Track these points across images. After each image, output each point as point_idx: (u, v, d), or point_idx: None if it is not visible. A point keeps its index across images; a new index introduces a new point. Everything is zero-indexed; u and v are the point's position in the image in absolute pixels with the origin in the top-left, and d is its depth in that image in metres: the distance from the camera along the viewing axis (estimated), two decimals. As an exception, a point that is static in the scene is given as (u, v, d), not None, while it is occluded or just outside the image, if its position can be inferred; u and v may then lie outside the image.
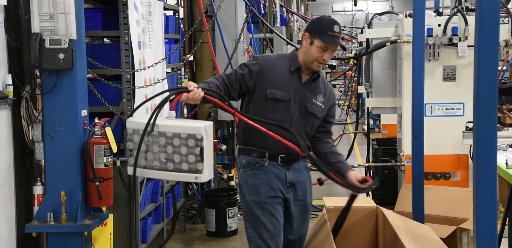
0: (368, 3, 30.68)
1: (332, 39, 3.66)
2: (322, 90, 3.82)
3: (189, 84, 3.35)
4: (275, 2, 13.25)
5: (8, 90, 3.93)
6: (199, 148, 3.12)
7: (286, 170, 3.73)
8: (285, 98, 3.67)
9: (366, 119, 7.62)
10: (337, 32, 3.69)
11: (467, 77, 5.40)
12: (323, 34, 3.66)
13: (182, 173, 3.17)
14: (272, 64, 3.73)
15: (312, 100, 3.75)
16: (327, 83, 3.91)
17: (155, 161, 3.20)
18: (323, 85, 3.85)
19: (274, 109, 3.67)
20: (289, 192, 3.75)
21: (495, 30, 2.34)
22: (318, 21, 3.78)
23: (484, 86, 2.35)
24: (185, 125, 3.23)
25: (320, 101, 3.78)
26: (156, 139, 3.17)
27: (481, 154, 2.39)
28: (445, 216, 4.86)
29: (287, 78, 3.72)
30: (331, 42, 3.66)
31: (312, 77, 3.76)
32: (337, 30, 3.69)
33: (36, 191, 4.08)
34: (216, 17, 6.35)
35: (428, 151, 4.74)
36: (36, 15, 3.95)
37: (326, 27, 3.67)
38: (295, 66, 3.72)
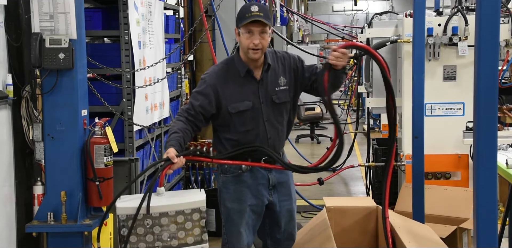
0: (368, 3, 30.69)
1: (249, 18, 3.49)
2: (279, 69, 3.69)
3: (171, 156, 3.26)
4: (275, 2, 13.25)
5: (8, 90, 3.93)
6: (204, 220, 3.13)
7: (268, 172, 3.71)
8: (248, 106, 3.59)
9: (366, 119, 7.62)
10: (256, 11, 3.50)
11: (467, 76, 5.40)
12: (241, 20, 3.53)
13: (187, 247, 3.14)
14: (221, 78, 3.60)
15: (275, 89, 3.66)
16: (279, 57, 3.73)
17: (157, 242, 3.11)
18: (277, 62, 3.70)
19: (243, 121, 3.61)
20: (272, 194, 3.75)
21: (495, 29, 2.34)
22: (239, 11, 3.63)
23: (484, 85, 2.35)
24: (186, 200, 3.20)
25: (284, 83, 3.69)
26: (157, 221, 3.10)
27: (481, 154, 2.39)
28: (445, 215, 4.85)
29: (241, 85, 3.61)
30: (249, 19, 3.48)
31: (263, 69, 3.64)
32: (254, 10, 3.50)
33: (36, 191, 4.08)
34: (216, 17, 6.35)
35: (428, 151, 4.74)
36: (36, 15, 3.95)
37: (243, 13, 3.54)
38: (244, 69, 3.61)
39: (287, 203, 3.80)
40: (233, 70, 3.62)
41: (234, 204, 3.68)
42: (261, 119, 3.63)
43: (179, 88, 6.41)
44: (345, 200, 5.18)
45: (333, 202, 4.45)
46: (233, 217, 3.68)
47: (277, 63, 3.69)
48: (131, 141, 4.80)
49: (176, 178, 6.19)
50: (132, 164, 4.59)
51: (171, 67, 5.98)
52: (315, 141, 12.23)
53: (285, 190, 3.79)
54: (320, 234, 3.94)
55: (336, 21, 28.15)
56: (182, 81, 6.44)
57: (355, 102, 10.29)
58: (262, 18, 3.48)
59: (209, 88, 3.57)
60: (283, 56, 3.73)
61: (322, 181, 5.60)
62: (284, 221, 3.80)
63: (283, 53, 3.77)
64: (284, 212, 3.79)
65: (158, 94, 5.48)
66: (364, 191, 7.30)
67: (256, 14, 3.48)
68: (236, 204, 3.67)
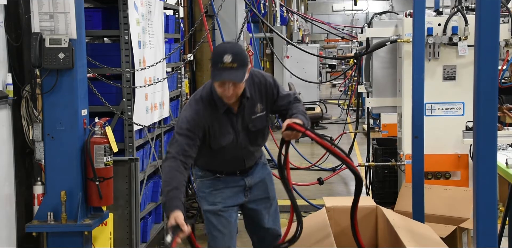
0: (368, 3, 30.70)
1: (219, 74, 3.24)
2: (256, 96, 3.56)
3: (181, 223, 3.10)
4: (275, 2, 13.25)
5: (8, 89, 3.93)
6: None
7: (244, 177, 3.79)
8: (229, 140, 3.57)
9: (366, 119, 7.62)
10: (228, 62, 3.21)
11: (467, 76, 5.40)
12: (213, 67, 3.28)
13: None
14: (200, 118, 3.46)
15: (251, 117, 3.58)
16: (256, 82, 3.55)
17: None
18: (255, 89, 3.55)
19: (223, 152, 3.62)
20: (247, 195, 3.82)
21: (495, 29, 2.34)
22: (213, 52, 3.38)
23: (484, 85, 2.35)
24: None
25: (260, 110, 3.60)
26: None
27: (481, 154, 2.39)
28: (445, 215, 4.85)
29: (221, 121, 3.52)
30: (216, 79, 3.26)
31: (242, 103, 3.51)
32: (227, 60, 3.21)
33: (36, 190, 4.08)
34: (216, 17, 6.35)
35: (428, 150, 4.74)
36: (36, 14, 3.95)
37: (216, 58, 3.26)
38: (224, 107, 3.49)
39: (264, 201, 3.86)
40: (213, 106, 3.49)
41: (210, 207, 3.77)
42: (238, 147, 3.64)
43: (179, 88, 6.41)
44: (345, 200, 5.17)
45: (333, 202, 4.45)
46: (210, 219, 3.78)
47: (254, 90, 3.55)
48: (131, 141, 4.80)
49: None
50: (132, 163, 4.59)
51: (171, 67, 5.98)
52: (315, 141, 12.21)
53: (262, 189, 3.85)
54: (319, 233, 3.94)
55: (336, 21, 28.18)
56: (182, 81, 6.44)
57: (355, 101, 10.29)
58: (235, 71, 3.25)
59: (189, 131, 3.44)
60: (260, 81, 3.57)
61: (322, 181, 5.60)
62: (265, 219, 3.88)
63: (260, 76, 3.59)
64: (262, 210, 3.85)
65: (158, 94, 5.48)
66: (364, 191, 7.29)
67: (229, 67, 3.23)
68: (212, 206, 3.77)
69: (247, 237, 4.16)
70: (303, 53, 9.54)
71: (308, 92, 14.84)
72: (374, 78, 6.19)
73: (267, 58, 13.87)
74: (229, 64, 3.22)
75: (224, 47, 3.33)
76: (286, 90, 3.77)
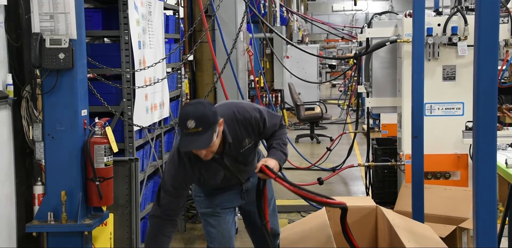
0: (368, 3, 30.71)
1: (185, 142, 3.17)
2: (242, 134, 3.52)
3: None
4: (275, 2, 13.26)
5: (8, 90, 3.93)
6: None
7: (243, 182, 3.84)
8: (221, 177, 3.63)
9: (366, 119, 7.62)
10: (192, 127, 3.11)
11: (467, 76, 5.40)
12: (181, 132, 3.23)
13: None
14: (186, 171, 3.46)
15: (240, 151, 3.58)
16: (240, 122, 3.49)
17: None
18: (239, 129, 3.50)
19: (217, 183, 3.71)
20: (244, 197, 3.87)
21: (494, 29, 2.34)
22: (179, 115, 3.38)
23: (484, 85, 2.35)
24: None
25: (248, 143, 3.59)
26: None
27: (481, 154, 2.39)
28: (445, 215, 4.86)
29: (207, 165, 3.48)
30: (182, 148, 3.22)
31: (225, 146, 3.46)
32: (191, 125, 3.11)
33: (37, 190, 4.08)
34: (216, 17, 6.35)
35: (428, 150, 4.74)
36: (36, 15, 3.95)
37: (180, 124, 3.20)
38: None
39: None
40: (194, 157, 3.43)
41: (207, 210, 3.82)
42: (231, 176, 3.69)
43: (179, 88, 6.41)
44: (345, 200, 5.16)
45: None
46: (207, 220, 3.82)
47: (239, 128, 3.50)
48: (131, 141, 4.81)
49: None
50: (132, 164, 4.60)
51: (171, 67, 5.98)
52: (314, 141, 12.23)
53: None
54: (319, 233, 3.94)
55: (336, 21, 28.19)
56: (182, 81, 6.45)
57: (355, 102, 10.30)
58: (200, 137, 3.15)
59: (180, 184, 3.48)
60: (244, 118, 3.50)
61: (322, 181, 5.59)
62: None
63: (245, 112, 3.51)
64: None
65: (158, 94, 5.48)
66: (364, 191, 7.30)
67: (193, 132, 3.14)
68: (209, 209, 3.81)
69: (247, 237, 4.17)
70: (303, 53, 9.54)
71: (308, 92, 14.85)
72: (374, 78, 6.19)
73: (267, 58, 13.88)
74: (194, 129, 3.13)
75: (186, 111, 3.20)
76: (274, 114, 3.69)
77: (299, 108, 12.38)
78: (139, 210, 4.73)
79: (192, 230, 6.42)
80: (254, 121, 3.53)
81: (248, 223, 3.98)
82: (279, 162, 3.53)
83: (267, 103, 12.24)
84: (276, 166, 3.48)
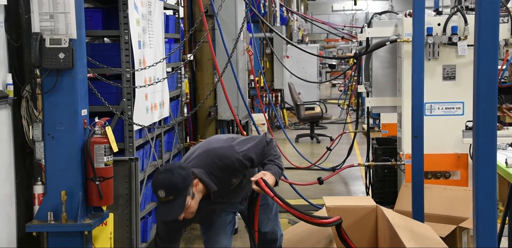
0: (368, 3, 30.71)
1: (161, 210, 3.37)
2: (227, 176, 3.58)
3: None
4: (275, 2, 13.26)
5: (8, 89, 3.93)
6: None
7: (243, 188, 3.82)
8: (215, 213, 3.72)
9: (366, 118, 7.62)
10: (164, 197, 3.27)
11: (467, 76, 5.40)
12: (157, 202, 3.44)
13: None
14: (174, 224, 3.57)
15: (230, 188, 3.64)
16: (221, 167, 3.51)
17: None
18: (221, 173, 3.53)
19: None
20: (244, 203, 3.88)
21: (494, 29, 2.34)
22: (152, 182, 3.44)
23: (484, 85, 2.36)
24: None
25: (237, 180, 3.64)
26: None
27: (481, 153, 2.39)
28: (445, 215, 4.86)
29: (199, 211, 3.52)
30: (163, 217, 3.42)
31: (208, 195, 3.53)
32: (162, 195, 3.26)
33: (37, 190, 4.08)
34: (216, 17, 6.35)
35: (428, 150, 4.74)
36: (36, 14, 3.95)
37: (154, 192, 3.37)
38: None
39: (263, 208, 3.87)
40: None
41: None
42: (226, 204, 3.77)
43: (179, 88, 6.41)
44: (345, 200, 5.18)
45: (333, 202, 4.44)
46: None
47: (223, 175, 3.55)
48: (131, 141, 4.81)
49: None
50: (132, 163, 4.60)
51: (171, 67, 5.98)
52: (314, 141, 12.23)
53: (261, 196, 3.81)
54: (319, 234, 3.94)
55: (336, 21, 28.19)
56: (182, 81, 6.45)
57: (355, 101, 10.30)
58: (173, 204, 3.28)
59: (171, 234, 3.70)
60: (226, 165, 3.53)
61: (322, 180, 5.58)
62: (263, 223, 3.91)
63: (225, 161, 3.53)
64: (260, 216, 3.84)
65: (158, 93, 5.48)
66: (364, 191, 7.30)
67: (165, 200, 3.28)
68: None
69: (247, 236, 4.16)
70: (303, 53, 9.54)
71: (308, 92, 14.85)
72: (374, 78, 6.19)
73: (267, 58, 13.88)
74: (165, 198, 3.27)
75: (156, 180, 3.34)
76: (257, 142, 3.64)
77: (299, 108, 12.38)
78: (139, 209, 4.73)
79: (192, 230, 6.42)
80: (238, 164, 3.55)
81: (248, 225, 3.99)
82: (275, 176, 3.54)
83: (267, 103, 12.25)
84: (272, 180, 3.49)
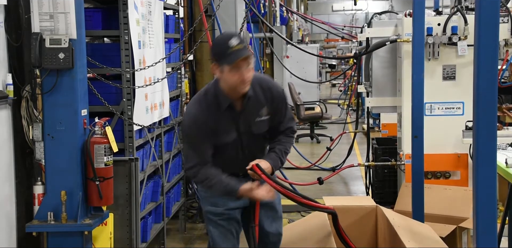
0: (368, 3, 30.71)
1: (235, 55, 3.30)
2: (263, 99, 3.55)
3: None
4: (275, 2, 13.26)
5: (8, 89, 3.93)
6: None
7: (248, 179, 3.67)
8: (231, 138, 3.56)
9: (366, 118, 7.62)
10: (236, 45, 3.31)
11: (467, 76, 5.40)
12: (223, 56, 3.33)
13: None
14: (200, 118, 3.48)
15: (256, 120, 3.57)
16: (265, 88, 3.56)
17: None
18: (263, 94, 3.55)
19: (224, 149, 3.58)
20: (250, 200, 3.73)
21: (494, 29, 2.34)
22: (214, 45, 3.45)
23: (484, 85, 2.36)
24: None
25: (265, 114, 3.59)
26: None
27: (481, 153, 2.39)
28: (445, 215, 4.86)
29: (223, 118, 3.50)
30: (235, 59, 3.31)
31: (245, 101, 3.51)
32: (234, 43, 3.31)
33: (37, 190, 4.08)
34: (216, 17, 6.35)
35: (428, 150, 4.75)
36: (36, 14, 3.95)
37: (222, 48, 3.34)
38: (225, 104, 3.49)
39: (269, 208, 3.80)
40: (214, 104, 3.50)
41: (211, 208, 3.74)
42: (240, 149, 3.62)
43: (179, 87, 6.41)
44: (345, 200, 5.19)
45: (333, 202, 4.45)
46: (212, 219, 3.75)
47: (262, 94, 3.56)
48: (131, 141, 4.81)
49: (176, 177, 6.19)
50: (132, 163, 4.60)
51: (171, 67, 5.98)
52: (314, 141, 12.23)
53: None
54: (319, 233, 3.95)
55: (336, 21, 28.19)
56: (182, 81, 6.45)
57: (355, 101, 10.30)
58: (245, 51, 3.33)
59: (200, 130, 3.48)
60: (268, 86, 3.58)
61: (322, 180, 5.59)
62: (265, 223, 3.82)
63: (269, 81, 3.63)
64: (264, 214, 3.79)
65: (158, 93, 5.48)
66: (364, 191, 7.30)
67: (238, 49, 3.30)
68: (213, 207, 3.73)
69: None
70: (303, 53, 9.54)
71: (308, 92, 14.84)
72: (374, 78, 6.19)
73: (267, 58, 13.87)
74: (237, 46, 3.31)
75: (224, 36, 3.47)
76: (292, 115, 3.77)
77: (299, 108, 12.37)
78: (139, 210, 4.73)
79: (192, 230, 6.42)
80: (277, 93, 3.58)
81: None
82: (273, 167, 3.54)
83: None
84: (269, 169, 3.49)
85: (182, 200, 6.39)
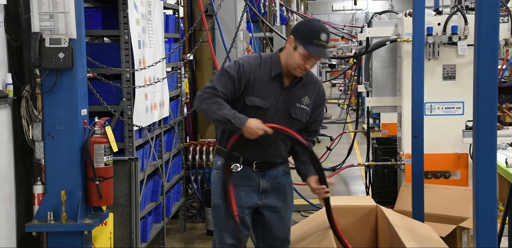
0: (368, 2, 30.68)
1: (317, 49, 3.43)
2: (310, 91, 3.64)
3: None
4: (275, 1, 13.25)
5: (8, 89, 3.93)
6: None
7: (261, 176, 3.66)
8: (264, 105, 3.53)
9: (366, 118, 7.63)
10: (324, 41, 3.44)
11: (467, 76, 5.41)
12: (308, 41, 3.42)
13: None
14: (253, 70, 3.52)
15: (296, 104, 3.59)
16: (316, 83, 3.69)
17: None
18: (312, 85, 3.66)
19: (254, 116, 3.49)
20: (262, 199, 3.69)
21: (494, 29, 2.34)
22: (306, 25, 3.54)
23: (484, 85, 2.36)
24: None
25: (306, 103, 3.62)
26: None
27: (481, 153, 2.39)
28: (445, 215, 4.86)
29: (267, 84, 3.54)
30: (315, 53, 3.44)
31: (295, 81, 3.59)
32: (323, 39, 3.43)
33: (36, 190, 4.07)
34: (216, 16, 6.35)
35: (428, 150, 4.75)
36: (36, 14, 3.95)
37: (313, 34, 3.43)
38: (276, 71, 3.54)
39: (279, 210, 3.74)
40: (267, 68, 3.55)
41: (220, 201, 3.67)
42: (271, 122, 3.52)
43: (179, 87, 6.41)
44: (345, 199, 5.18)
45: (332, 201, 4.44)
46: (220, 213, 3.68)
47: (311, 85, 3.66)
48: (131, 141, 4.80)
49: (176, 177, 6.19)
50: (132, 163, 4.59)
51: (171, 67, 5.98)
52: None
53: (279, 197, 3.73)
54: (320, 233, 3.94)
55: (336, 21, 28.17)
56: (182, 81, 6.45)
57: (355, 101, 10.30)
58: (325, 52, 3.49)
59: (241, 73, 3.50)
60: (316, 81, 3.71)
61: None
62: (275, 228, 3.76)
63: (316, 78, 3.76)
64: (275, 219, 3.74)
65: (158, 93, 5.48)
66: (364, 190, 7.30)
67: (323, 44, 3.45)
68: (223, 201, 3.64)
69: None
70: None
71: (308, 92, 14.82)
72: (374, 78, 6.19)
73: (267, 57, 13.83)
74: (323, 42, 3.45)
75: (320, 25, 3.50)
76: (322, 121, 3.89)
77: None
78: (139, 209, 4.73)
79: (192, 230, 6.42)
80: (322, 93, 3.72)
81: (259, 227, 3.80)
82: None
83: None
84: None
85: (182, 200, 6.39)
